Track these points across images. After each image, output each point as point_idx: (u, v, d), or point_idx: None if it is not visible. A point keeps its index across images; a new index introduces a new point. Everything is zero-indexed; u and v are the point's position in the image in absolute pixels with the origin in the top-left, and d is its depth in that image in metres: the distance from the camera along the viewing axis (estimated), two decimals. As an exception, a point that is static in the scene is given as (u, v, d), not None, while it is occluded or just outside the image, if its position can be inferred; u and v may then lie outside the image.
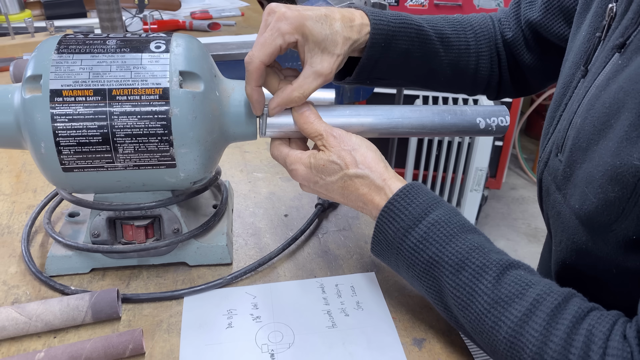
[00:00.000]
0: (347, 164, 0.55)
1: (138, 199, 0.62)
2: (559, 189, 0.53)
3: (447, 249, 0.50)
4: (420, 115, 0.61)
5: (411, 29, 0.65)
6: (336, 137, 0.56)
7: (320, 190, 0.58)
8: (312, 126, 0.57)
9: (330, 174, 0.55)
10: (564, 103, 0.57)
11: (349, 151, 0.55)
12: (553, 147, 0.56)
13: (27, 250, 0.66)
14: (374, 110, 0.60)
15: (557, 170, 0.54)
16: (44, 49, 0.56)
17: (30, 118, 0.54)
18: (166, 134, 0.55)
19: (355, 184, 0.55)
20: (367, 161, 0.55)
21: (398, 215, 0.53)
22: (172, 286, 0.63)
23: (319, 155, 0.56)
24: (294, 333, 0.57)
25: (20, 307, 0.56)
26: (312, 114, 0.57)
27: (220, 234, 0.67)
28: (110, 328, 0.57)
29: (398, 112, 0.60)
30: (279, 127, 0.59)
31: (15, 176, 0.84)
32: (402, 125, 0.60)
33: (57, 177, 0.57)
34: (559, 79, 0.61)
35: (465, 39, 0.69)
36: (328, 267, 0.67)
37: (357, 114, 0.60)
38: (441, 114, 0.61)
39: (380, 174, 0.55)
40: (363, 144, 0.56)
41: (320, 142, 0.56)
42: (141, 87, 0.55)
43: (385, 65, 0.65)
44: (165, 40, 0.57)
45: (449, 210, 0.53)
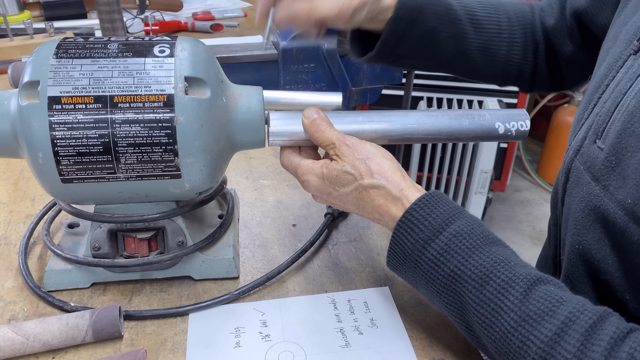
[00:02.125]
0: (361, 174, 0.52)
1: (141, 210, 0.59)
2: (596, 180, 0.48)
3: (470, 262, 0.47)
4: (436, 121, 0.58)
5: (440, 6, 0.63)
6: (349, 145, 0.53)
7: (333, 202, 0.55)
8: (324, 134, 0.54)
9: (344, 185, 0.53)
10: (604, 84, 0.52)
11: (363, 160, 0.52)
12: (589, 132, 0.51)
13: (24, 263, 0.63)
14: (387, 116, 0.57)
15: (594, 158, 0.49)
16: (42, 53, 0.53)
17: (27, 126, 0.51)
18: (171, 143, 0.52)
19: (370, 195, 0.52)
20: (383, 170, 0.52)
21: (417, 225, 0.50)
22: (176, 301, 0.60)
23: (331, 166, 0.53)
24: (305, 353, 0.54)
25: (17, 326, 0.53)
26: (323, 121, 0.54)
27: (226, 246, 0.64)
28: (112, 347, 0.54)
29: (413, 118, 0.58)
30: (289, 135, 0.56)
31: (12, 184, 0.81)
32: (417, 132, 0.58)
33: (56, 188, 0.54)
34: (601, 61, 0.56)
35: (498, 22, 0.67)
36: (339, 281, 0.64)
37: (370, 120, 0.57)
38: (458, 118, 0.58)
39: (397, 184, 0.52)
40: (378, 153, 0.53)
41: (332, 151, 0.54)
42: (144, 93, 0.52)
43: (409, 42, 0.63)
44: (170, 44, 0.55)
45: (472, 220, 0.50)
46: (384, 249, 0.69)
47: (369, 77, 1.11)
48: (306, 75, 1.05)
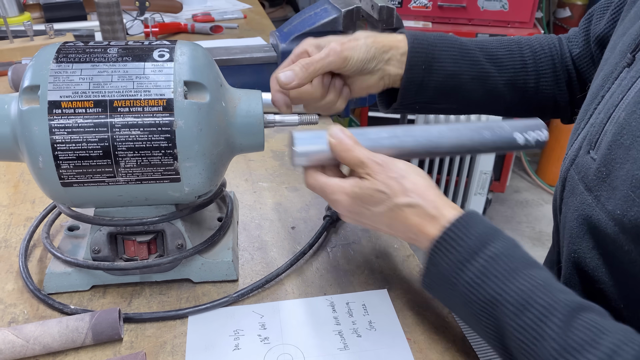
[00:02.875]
0: (395, 193, 0.50)
1: (140, 213, 0.59)
2: (589, 190, 0.49)
3: (509, 286, 0.45)
4: (459, 135, 0.57)
5: (453, 49, 0.64)
6: (381, 164, 0.51)
7: (365, 221, 0.54)
8: (352, 153, 0.52)
9: (377, 204, 0.51)
10: (600, 95, 0.53)
11: (396, 179, 0.51)
12: (584, 142, 0.52)
13: (24, 266, 0.63)
14: (411, 131, 0.56)
15: (587, 168, 0.50)
16: (42, 57, 0.53)
17: (27, 130, 0.51)
18: (170, 147, 0.52)
19: (405, 214, 0.50)
20: (418, 188, 0.50)
21: (453, 246, 0.48)
22: (175, 304, 0.60)
23: (363, 184, 0.51)
24: (304, 356, 0.54)
25: (17, 329, 0.53)
26: (350, 140, 0.53)
27: (225, 248, 0.64)
28: (112, 350, 0.55)
29: (436, 132, 0.57)
30: (315, 155, 0.54)
31: (13, 186, 0.81)
32: (441, 146, 0.57)
33: (56, 191, 0.54)
34: (599, 71, 0.57)
35: (522, 58, 0.67)
36: (338, 284, 0.64)
37: (394, 136, 0.56)
38: (479, 131, 0.57)
39: (433, 202, 0.50)
40: (411, 170, 0.52)
41: (362, 170, 0.52)
42: (144, 98, 0.52)
43: (431, 88, 0.63)
44: (169, 48, 0.55)
45: (509, 242, 0.48)
46: (382, 251, 0.69)
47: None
48: (305, 78, 1.06)
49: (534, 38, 0.70)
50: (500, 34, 1.95)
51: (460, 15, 2.01)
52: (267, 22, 1.65)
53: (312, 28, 1.01)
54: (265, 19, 1.67)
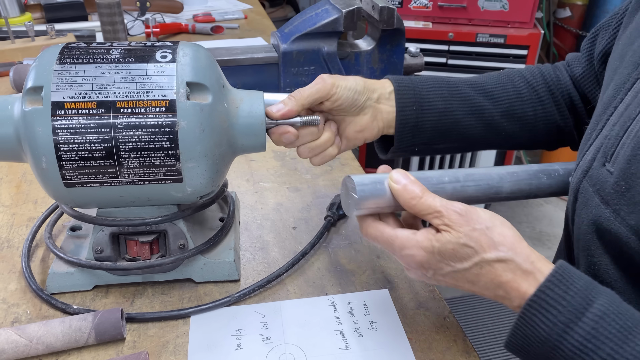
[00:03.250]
0: (483, 247, 0.45)
1: (143, 213, 0.59)
2: (606, 203, 0.47)
3: (625, 350, 0.40)
4: (518, 179, 0.55)
5: (442, 88, 0.64)
6: (462, 213, 0.46)
7: (443, 279, 0.48)
8: (423, 202, 0.47)
9: (462, 260, 0.46)
10: (612, 106, 0.52)
11: (482, 231, 0.45)
12: (598, 154, 0.50)
13: (27, 266, 0.63)
14: (472, 176, 0.54)
15: (604, 181, 0.48)
16: (45, 58, 0.53)
17: (30, 131, 0.51)
18: (173, 148, 0.53)
19: (495, 270, 0.45)
20: (508, 241, 0.46)
21: (554, 306, 0.42)
22: (178, 304, 0.61)
23: (443, 238, 0.46)
24: (306, 355, 0.55)
25: (21, 328, 0.53)
26: (417, 186, 0.48)
27: (227, 249, 0.65)
28: (114, 350, 0.55)
29: (496, 176, 0.55)
30: (376, 203, 0.50)
31: (15, 187, 0.82)
32: (501, 192, 0.55)
33: (59, 192, 0.54)
34: (608, 81, 0.55)
35: (514, 88, 0.67)
36: (339, 284, 0.64)
37: (456, 180, 0.53)
38: (536, 175, 0.56)
39: (527, 256, 0.45)
40: (497, 220, 0.47)
41: (439, 220, 0.47)
42: (147, 99, 0.52)
43: (427, 128, 0.63)
44: (172, 49, 0.55)
45: (611, 296, 0.43)
46: (384, 251, 0.70)
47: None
48: (306, 78, 1.06)
49: (524, 68, 0.70)
50: (500, 34, 1.95)
51: (460, 16, 2.01)
52: (268, 22, 1.65)
53: (313, 28, 1.01)
54: (266, 19, 1.68)
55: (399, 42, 1.09)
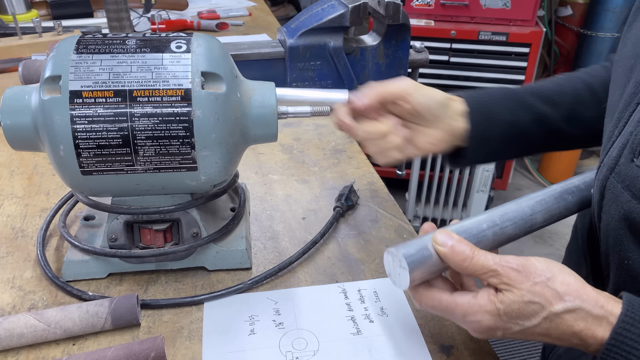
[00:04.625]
0: (549, 300, 0.44)
1: (157, 202, 0.60)
2: (637, 199, 0.47)
3: None
4: (547, 206, 0.55)
5: (507, 99, 0.65)
6: (518, 269, 0.45)
7: (513, 335, 0.47)
8: (476, 262, 0.46)
9: (530, 317, 0.44)
10: (634, 102, 0.52)
11: (544, 284, 0.44)
12: (624, 150, 0.50)
13: (42, 254, 0.64)
14: (506, 215, 0.53)
15: (634, 177, 0.48)
16: (63, 49, 0.54)
17: (49, 120, 0.52)
18: (188, 137, 0.54)
19: (566, 322, 0.44)
20: (573, 289, 0.44)
21: (630, 351, 0.42)
22: (191, 291, 0.62)
23: (507, 298, 0.44)
24: (318, 340, 0.56)
25: (39, 313, 0.54)
26: (465, 246, 0.47)
27: (239, 237, 0.66)
28: (130, 335, 0.56)
29: (528, 209, 0.54)
30: (426, 272, 0.48)
31: (27, 178, 0.83)
32: (535, 223, 0.54)
33: (76, 180, 0.56)
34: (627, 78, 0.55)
35: (574, 90, 0.67)
36: (349, 272, 0.65)
37: (494, 224, 0.52)
38: (562, 196, 0.57)
39: (595, 301, 0.44)
40: (555, 268, 0.46)
41: (496, 279, 0.45)
42: (162, 88, 0.53)
43: (493, 140, 0.64)
44: (186, 40, 0.56)
45: None
46: (392, 241, 0.71)
47: (375, 75, 1.12)
48: (312, 73, 1.07)
49: (582, 71, 0.70)
50: (502, 32, 1.96)
51: (462, 13, 2.02)
52: (272, 19, 1.66)
53: (319, 24, 1.02)
54: (270, 16, 1.69)
55: (405, 38, 1.10)
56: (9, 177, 0.83)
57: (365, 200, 0.79)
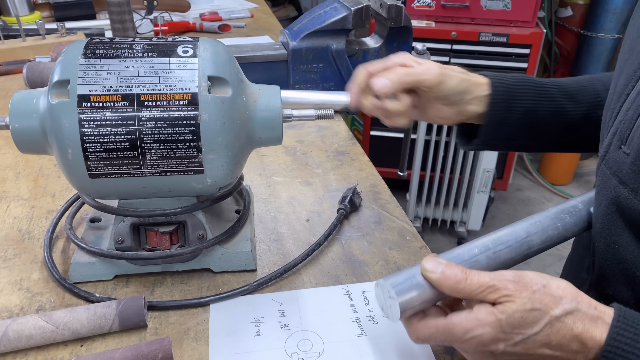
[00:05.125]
0: (549, 305, 0.44)
1: (163, 205, 0.61)
2: (624, 184, 0.49)
3: None
4: (543, 227, 0.54)
5: (530, 87, 0.66)
6: (515, 280, 0.45)
7: (513, 349, 0.45)
8: (471, 282, 0.46)
9: (532, 325, 0.44)
10: (625, 94, 0.53)
11: (542, 291, 0.45)
12: (614, 139, 0.52)
13: (49, 256, 0.65)
14: (500, 239, 0.52)
15: (621, 163, 0.50)
16: (71, 53, 0.55)
17: (57, 123, 0.53)
18: (195, 140, 0.54)
19: (567, 325, 0.44)
20: (569, 292, 0.45)
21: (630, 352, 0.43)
22: (197, 293, 0.62)
23: (507, 308, 0.44)
24: (323, 341, 0.56)
25: (47, 315, 0.55)
26: (455, 269, 0.47)
27: (244, 239, 0.66)
28: (137, 336, 0.57)
29: (523, 232, 0.53)
30: (418, 301, 0.47)
31: (32, 180, 0.83)
32: (532, 246, 0.53)
33: (83, 183, 0.56)
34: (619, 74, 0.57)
35: (594, 91, 0.68)
36: (353, 274, 0.66)
37: (486, 249, 0.51)
38: (559, 217, 0.55)
39: (589, 302, 0.45)
40: (546, 276, 0.47)
41: (495, 294, 0.45)
42: (170, 92, 0.54)
43: (510, 124, 0.65)
44: (193, 44, 0.57)
45: None
46: (396, 243, 0.71)
47: (376, 76, 1.13)
48: (315, 75, 1.07)
49: (601, 74, 0.72)
50: (502, 33, 1.97)
51: (463, 15, 2.03)
52: (274, 21, 1.67)
53: (322, 26, 1.03)
54: (272, 18, 1.69)
55: (406, 40, 1.10)
56: (15, 179, 0.84)
57: (369, 202, 0.80)
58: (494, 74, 0.66)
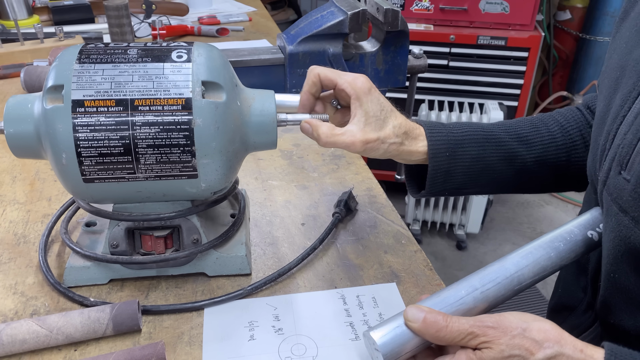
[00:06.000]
0: (530, 350, 0.44)
1: (157, 209, 0.61)
2: (624, 212, 0.47)
3: None
4: (535, 258, 0.53)
5: (478, 134, 0.64)
6: (494, 326, 0.45)
7: None
8: (451, 329, 0.46)
9: None
10: (621, 115, 0.51)
11: (521, 335, 0.45)
12: (613, 163, 0.51)
13: (44, 260, 0.65)
14: (487, 276, 0.51)
15: (621, 189, 0.48)
16: (65, 58, 0.55)
17: (51, 128, 0.53)
18: (189, 145, 0.55)
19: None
20: (551, 335, 0.45)
21: None
22: (191, 297, 0.62)
23: (485, 355, 0.45)
24: (317, 346, 0.56)
25: (41, 319, 0.55)
26: (438, 316, 0.47)
27: (239, 243, 0.66)
28: (131, 340, 0.57)
29: (512, 266, 0.52)
30: (404, 351, 0.48)
31: (29, 184, 0.83)
32: (524, 280, 0.52)
33: (78, 187, 0.56)
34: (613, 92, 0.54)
35: (549, 133, 0.66)
36: (348, 278, 0.66)
37: (473, 289, 0.50)
38: (551, 245, 0.54)
39: (574, 345, 0.45)
40: (529, 318, 0.46)
41: (475, 341, 0.45)
42: (163, 97, 0.54)
43: (459, 174, 0.63)
44: (187, 49, 0.57)
45: None
46: (391, 247, 0.71)
47: (373, 80, 1.12)
48: (312, 79, 1.08)
49: (556, 113, 0.70)
50: (501, 36, 1.97)
51: (461, 18, 2.03)
52: (272, 24, 1.67)
53: (318, 30, 1.03)
54: (270, 22, 1.70)
55: (403, 44, 1.11)
56: (11, 183, 0.84)
57: (364, 206, 0.80)
58: (431, 123, 0.64)
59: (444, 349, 0.49)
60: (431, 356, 0.49)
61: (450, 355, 0.47)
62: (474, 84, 2.07)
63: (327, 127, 0.58)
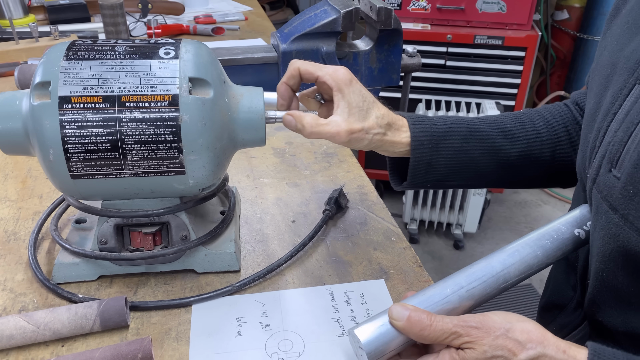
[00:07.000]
0: (512, 351, 0.44)
1: (146, 205, 0.61)
2: (614, 209, 0.47)
3: None
4: (521, 257, 0.53)
5: (461, 127, 0.64)
6: (477, 326, 0.45)
7: None
8: (435, 328, 0.46)
9: None
10: (612, 112, 0.51)
11: (504, 336, 0.45)
12: (603, 161, 0.50)
13: (33, 257, 0.65)
14: (473, 275, 0.51)
15: (611, 187, 0.48)
16: (53, 55, 0.55)
17: (38, 125, 0.53)
18: (175, 141, 0.55)
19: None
20: (534, 336, 0.45)
21: None
22: (180, 294, 0.63)
23: (468, 356, 0.45)
24: (304, 341, 0.56)
25: (28, 315, 0.55)
26: (422, 314, 0.46)
27: (228, 240, 0.67)
28: (119, 336, 0.57)
29: (498, 265, 0.52)
30: (388, 349, 0.48)
31: (20, 182, 0.84)
32: (510, 278, 0.52)
33: (65, 184, 0.56)
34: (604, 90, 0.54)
35: (534, 128, 0.66)
36: (337, 274, 0.66)
37: (459, 287, 0.50)
38: (538, 243, 0.54)
39: (556, 346, 0.45)
40: (512, 318, 0.47)
41: (458, 341, 0.45)
42: (150, 93, 0.54)
43: (441, 165, 0.63)
44: (174, 46, 0.57)
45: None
46: (380, 244, 0.72)
47: (367, 79, 1.13)
48: (305, 77, 1.08)
49: (542, 108, 0.70)
50: (498, 36, 1.97)
51: (458, 18, 2.03)
52: (268, 23, 1.67)
53: (312, 29, 1.03)
54: (266, 21, 1.70)
55: (397, 42, 1.11)
56: (3, 180, 0.84)
57: (355, 203, 0.80)
58: (414, 116, 0.64)
59: (429, 347, 0.49)
60: (416, 354, 0.49)
61: (434, 354, 0.47)
62: (471, 84, 2.07)
63: (311, 117, 0.58)
